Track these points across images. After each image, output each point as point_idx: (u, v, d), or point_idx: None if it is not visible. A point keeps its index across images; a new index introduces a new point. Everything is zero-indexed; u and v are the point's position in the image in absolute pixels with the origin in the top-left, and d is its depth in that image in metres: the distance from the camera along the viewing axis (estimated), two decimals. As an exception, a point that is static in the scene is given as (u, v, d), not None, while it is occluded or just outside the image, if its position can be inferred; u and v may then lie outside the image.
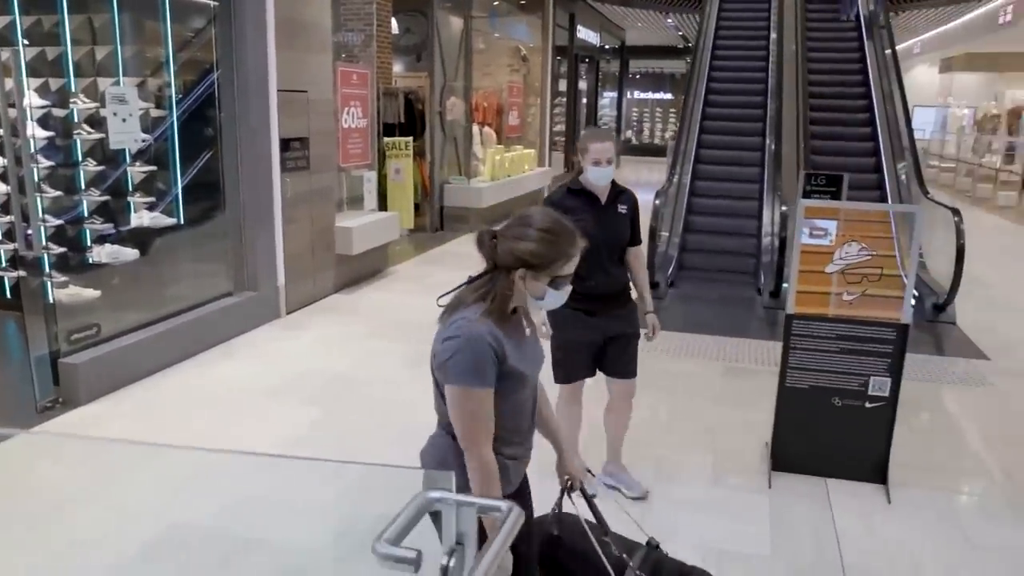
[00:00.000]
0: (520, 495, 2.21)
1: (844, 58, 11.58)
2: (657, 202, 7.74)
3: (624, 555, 2.31)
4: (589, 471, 2.34)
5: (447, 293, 2.08)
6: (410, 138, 10.24)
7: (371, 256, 7.88)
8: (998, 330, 6.82)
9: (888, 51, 11.20)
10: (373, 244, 7.74)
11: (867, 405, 3.82)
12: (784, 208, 7.25)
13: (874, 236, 3.89)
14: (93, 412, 4.59)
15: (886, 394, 3.80)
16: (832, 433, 3.87)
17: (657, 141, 27.18)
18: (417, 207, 10.59)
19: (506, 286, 1.97)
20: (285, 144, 6.42)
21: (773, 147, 9.44)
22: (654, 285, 7.56)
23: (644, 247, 3.74)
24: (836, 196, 5.18)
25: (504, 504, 1.73)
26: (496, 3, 13.39)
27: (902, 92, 10.42)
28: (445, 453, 2.05)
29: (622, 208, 3.48)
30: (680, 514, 3.63)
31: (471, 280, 2.04)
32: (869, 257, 3.74)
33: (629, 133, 28.13)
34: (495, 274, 1.98)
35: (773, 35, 11.73)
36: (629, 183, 3.76)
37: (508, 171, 12.24)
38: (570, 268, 2.00)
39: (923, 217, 3.92)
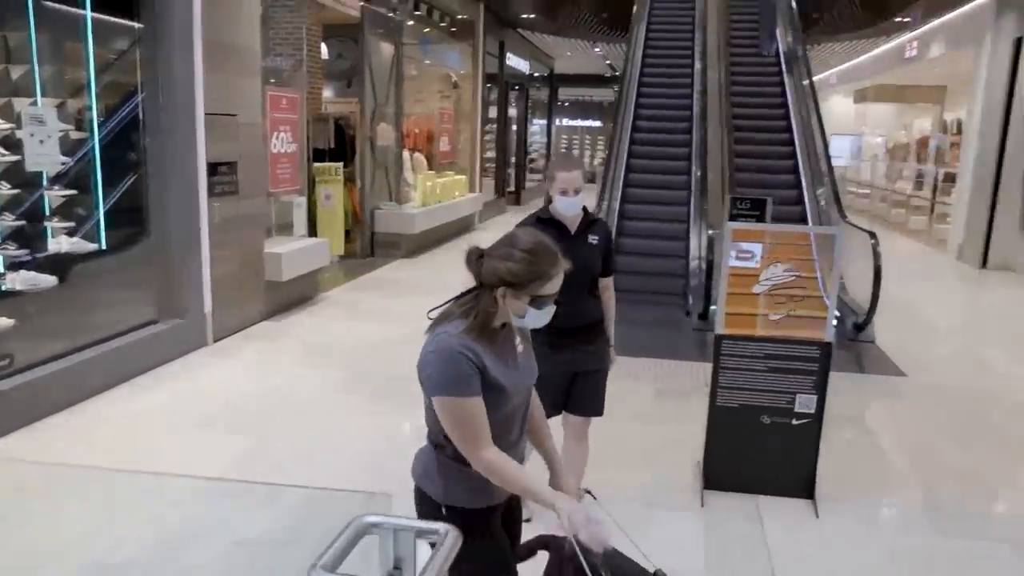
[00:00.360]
0: (509, 510, 2.24)
1: (765, 90, 12.00)
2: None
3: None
4: (589, 492, 2.31)
5: (437, 307, 2.14)
6: (340, 164, 10.16)
7: (301, 282, 7.76)
8: (913, 348, 7.12)
9: (806, 82, 11.67)
10: (303, 270, 7.63)
11: (794, 422, 3.92)
12: (711, 232, 7.44)
13: (798, 258, 4.02)
14: (5, 446, 4.38)
15: (812, 411, 3.91)
16: (762, 450, 3.96)
17: (587, 167, 27.64)
18: (348, 233, 10.49)
19: (489, 303, 2.02)
20: (213, 168, 6.29)
21: (699, 173, 9.71)
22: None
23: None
24: (760, 219, 5.35)
25: (441, 527, 1.73)
26: (427, 30, 13.47)
27: (820, 121, 10.87)
28: (427, 464, 2.15)
29: (593, 239, 3.36)
30: (615, 535, 3.65)
31: (459, 296, 2.09)
32: (794, 278, 3.86)
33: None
34: (480, 291, 2.04)
35: (697, 65, 12.08)
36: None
37: (439, 197, 12.25)
38: (550, 289, 2.03)
39: (843, 239, 4.07)
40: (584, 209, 3.35)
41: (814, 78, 12.58)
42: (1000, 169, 12.24)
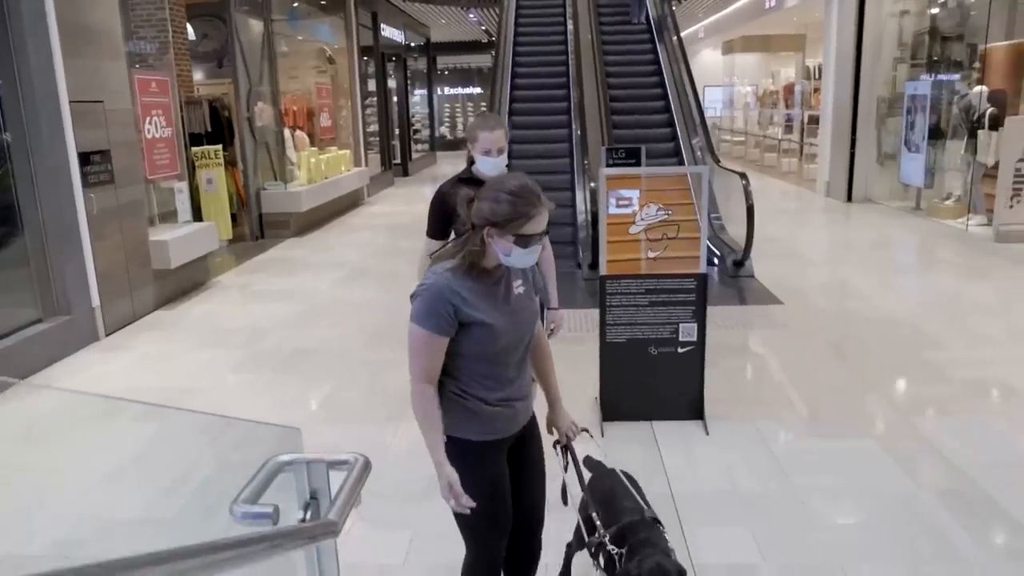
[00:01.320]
0: (518, 443, 2.37)
1: (637, 48, 12.37)
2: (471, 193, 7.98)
3: (596, 515, 2.40)
4: (585, 430, 2.48)
5: (439, 248, 2.29)
6: (219, 146, 9.91)
7: (191, 269, 7.61)
8: (789, 279, 7.63)
9: (675, 38, 12.09)
10: (191, 256, 7.48)
11: (679, 350, 4.22)
12: (593, 185, 7.71)
13: (676, 203, 4.28)
14: None
15: (694, 338, 4.22)
16: (652, 379, 4.25)
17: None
18: (234, 217, 10.28)
19: (478, 243, 2.12)
20: (85, 158, 6.08)
21: (579, 132, 9.98)
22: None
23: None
24: (638, 163, 5.61)
25: (350, 456, 1.87)
26: (295, 4, 13.18)
27: (690, 76, 11.31)
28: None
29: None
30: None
31: (456, 237, 2.24)
32: (667, 216, 4.12)
33: (443, 128, 28.47)
34: (472, 233, 2.13)
35: (570, 25, 12.33)
36: (447, 177, 3.87)
37: (325, 173, 12.12)
38: (533, 228, 2.09)
39: (708, 176, 4.36)
40: (508, 168, 3.32)
41: (682, 33, 13.05)
42: (856, 110, 13.05)
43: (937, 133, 11.54)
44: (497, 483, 2.30)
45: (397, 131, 19.67)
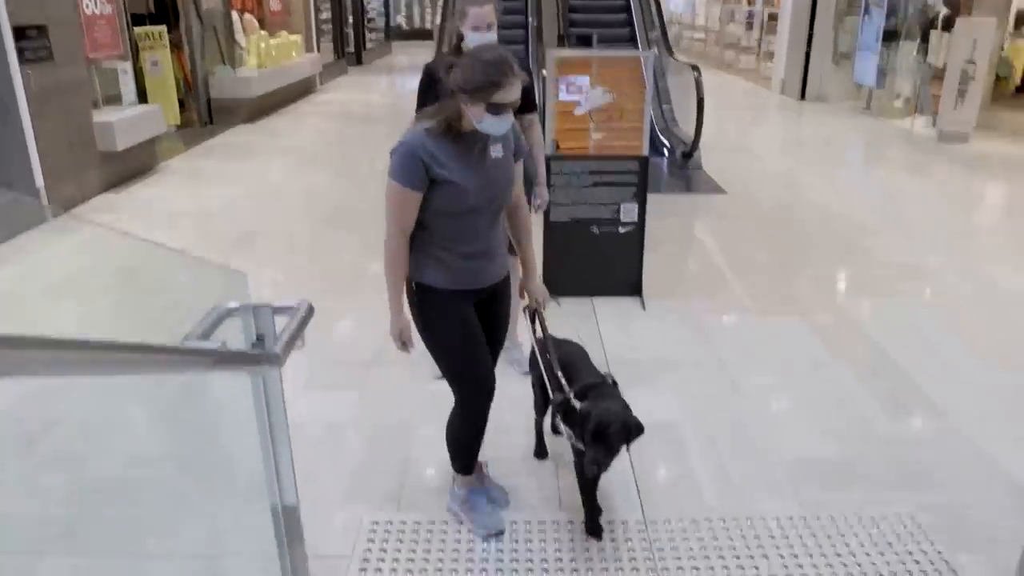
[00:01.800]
0: (488, 299, 2.52)
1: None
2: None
3: (561, 376, 2.57)
4: (555, 299, 2.62)
5: (428, 108, 2.35)
6: (164, 27, 9.56)
7: (138, 152, 7.48)
8: (734, 170, 7.80)
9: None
10: (138, 139, 7.34)
11: (620, 230, 4.38)
12: (545, 73, 7.67)
13: (625, 90, 4.35)
14: None
15: (635, 219, 4.37)
16: (593, 257, 4.42)
17: (428, 25, 26.92)
18: (182, 103, 10.02)
19: (453, 109, 2.21)
20: (20, 32, 5.87)
21: (535, 23, 9.82)
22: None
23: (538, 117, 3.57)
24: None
25: (295, 302, 1.99)
26: None
27: None
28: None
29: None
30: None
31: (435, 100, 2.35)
32: (611, 99, 4.20)
33: (399, 18, 27.59)
34: (449, 98, 2.22)
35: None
36: (401, 67, 3.87)
37: (276, 60, 11.80)
38: (503, 97, 2.16)
39: (652, 61, 4.41)
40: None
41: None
42: (814, 9, 13.00)
43: (892, 34, 11.60)
44: (466, 326, 2.45)
45: (351, 19, 19.06)
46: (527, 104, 2.98)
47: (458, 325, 2.44)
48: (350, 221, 6.29)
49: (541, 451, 3.07)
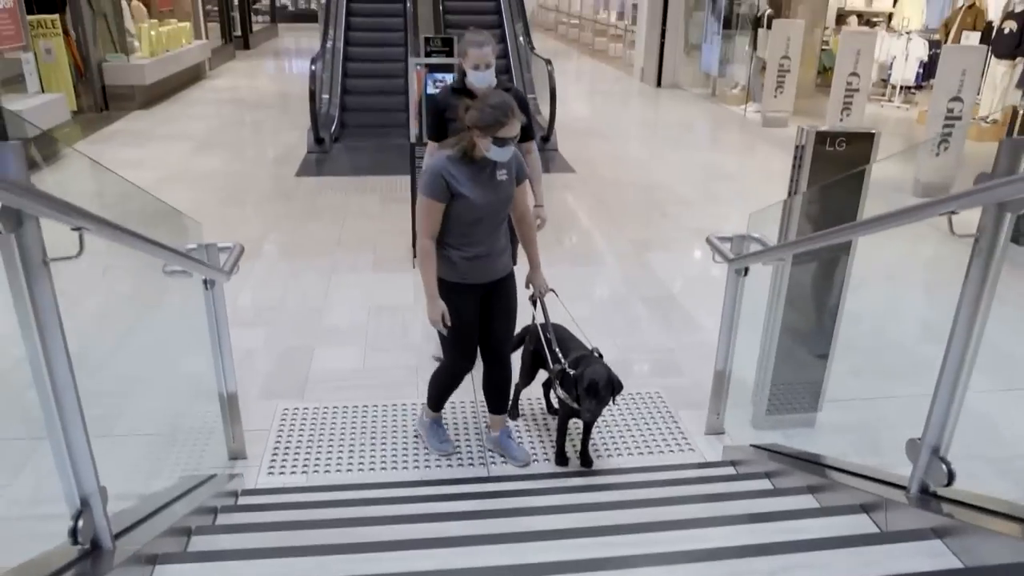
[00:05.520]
0: (492, 290, 3.12)
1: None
2: (314, 68, 8.85)
3: (559, 351, 3.24)
4: (552, 290, 3.33)
5: (450, 139, 2.98)
6: (56, 16, 10.05)
7: (40, 140, 8.11)
8: (586, 152, 9.11)
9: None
10: (45, 126, 7.99)
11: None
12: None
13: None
14: None
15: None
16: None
17: (313, 6, 27.24)
18: (75, 90, 10.52)
19: (469, 140, 2.84)
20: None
21: (411, 9, 10.80)
22: (319, 141, 8.83)
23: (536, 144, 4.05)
24: (450, 53, 6.73)
25: (232, 243, 3.07)
26: None
27: None
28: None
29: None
30: (353, 289, 5.18)
31: (457, 133, 2.95)
32: (463, 98, 5.34)
33: (286, 0, 27.83)
34: (465, 132, 2.85)
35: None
36: (288, 51, 4.87)
37: (166, 46, 12.36)
38: (505, 133, 2.75)
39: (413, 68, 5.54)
40: (497, 78, 3.70)
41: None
42: (666, 2, 14.45)
43: (729, 28, 13.20)
44: (464, 314, 3.06)
45: (236, 2, 19.41)
46: (526, 135, 3.39)
47: (458, 312, 3.02)
48: (246, 200, 7.23)
49: (515, 413, 3.73)
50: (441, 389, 3.40)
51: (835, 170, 3.28)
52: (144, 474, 3.15)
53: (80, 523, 1.68)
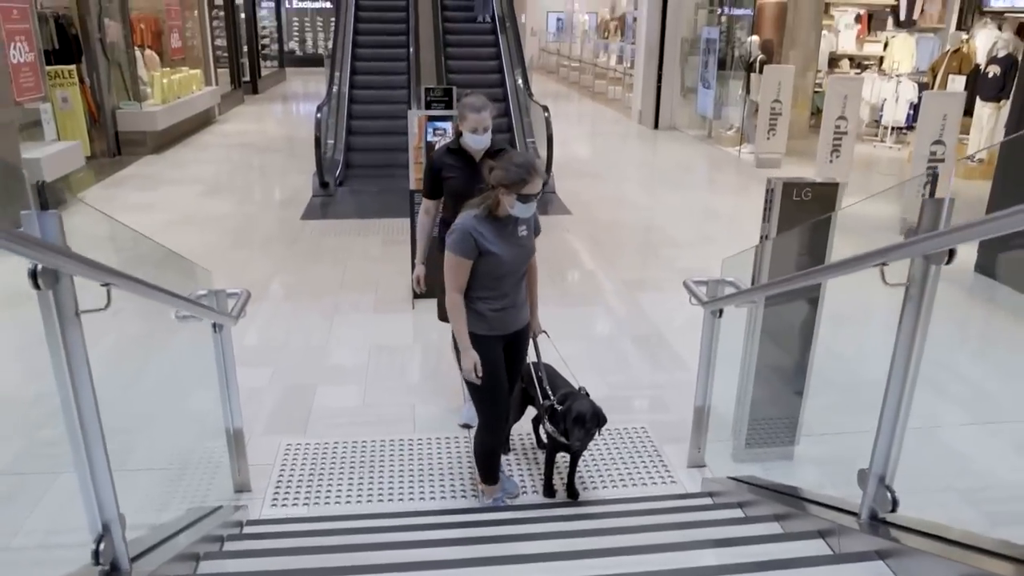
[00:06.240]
0: (512, 340, 3.25)
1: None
2: (319, 115, 9.18)
3: (549, 388, 3.42)
4: (545, 332, 3.50)
5: (474, 199, 3.06)
6: (73, 66, 10.44)
7: (58, 184, 8.43)
8: (583, 194, 9.37)
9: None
10: (61, 172, 8.32)
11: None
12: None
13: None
14: None
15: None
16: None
17: (320, 51, 27.86)
18: (89, 135, 10.87)
19: (493, 199, 2.97)
20: (-40, 83, 6.84)
21: (414, 55, 11.18)
22: (324, 185, 9.12)
23: None
24: (449, 105, 7.04)
25: (240, 290, 3.29)
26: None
27: (515, 25, 12.68)
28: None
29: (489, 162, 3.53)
30: (355, 328, 5.40)
31: (480, 191, 3.07)
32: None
33: (292, 44, 28.48)
34: (490, 191, 2.97)
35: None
36: (296, 95, 5.13)
37: (177, 93, 12.76)
38: (529, 190, 2.89)
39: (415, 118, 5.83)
40: (492, 139, 3.78)
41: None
42: (663, 48, 14.87)
43: (724, 73, 13.57)
44: (495, 364, 3.15)
45: (246, 48, 19.93)
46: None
47: (490, 363, 3.11)
48: (255, 241, 7.49)
49: (506, 448, 3.89)
50: (487, 454, 3.40)
51: (803, 217, 3.50)
52: (155, 505, 3.33)
53: (102, 546, 1.88)
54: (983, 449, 4.06)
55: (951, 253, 1.98)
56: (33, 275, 1.63)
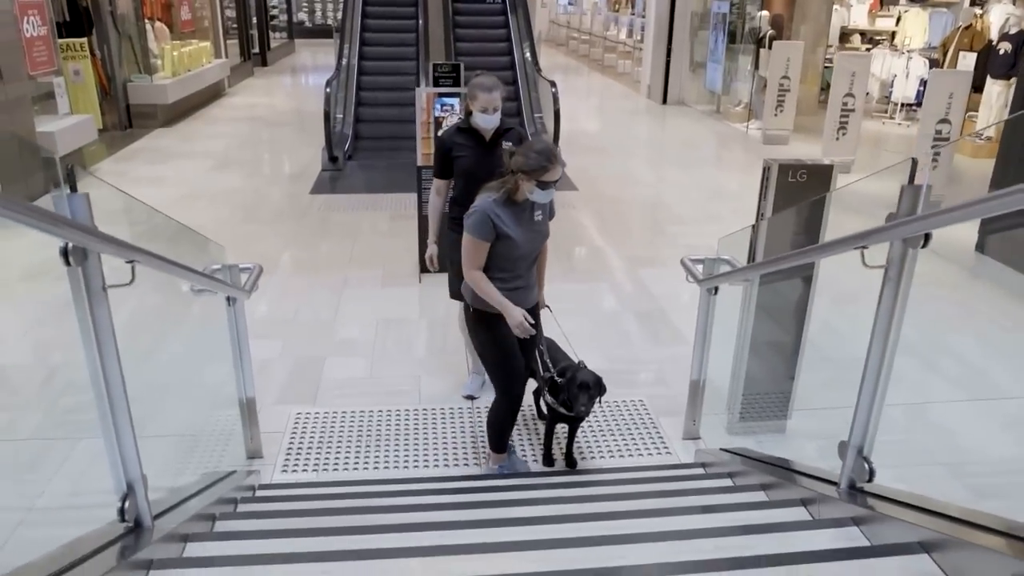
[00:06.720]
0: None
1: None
2: (328, 89, 9.26)
3: (550, 361, 3.53)
4: (548, 307, 3.63)
5: (494, 182, 3.13)
6: (84, 39, 10.52)
7: (71, 157, 8.56)
8: (589, 169, 9.44)
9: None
10: (74, 146, 8.44)
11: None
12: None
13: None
14: None
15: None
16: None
17: (330, 22, 27.76)
18: (100, 108, 10.98)
19: (514, 184, 3.05)
20: (-25, 57, 6.95)
21: (423, 27, 11.20)
22: (333, 159, 9.22)
23: None
24: (457, 80, 7.11)
25: (252, 264, 3.42)
26: None
27: (524, 4, 12.67)
28: (466, 285, 3.25)
29: (506, 144, 3.59)
30: (363, 302, 5.54)
31: (499, 176, 3.13)
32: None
33: (302, 15, 28.40)
34: (509, 176, 3.05)
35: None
36: (305, 67, 5.21)
37: (188, 66, 12.83)
38: (549, 177, 2.97)
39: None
40: (502, 120, 3.86)
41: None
42: (672, 22, 14.81)
43: (733, 45, 13.54)
44: (508, 339, 3.24)
45: (255, 19, 19.92)
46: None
47: (501, 339, 3.24)
48: (264, 216, 7.62)
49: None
50: (501, 426, 3.50)
51: (800, 197, 3.60)
52: (173, 470, 3.49)
53: (126, 504, 2.03)
54: (972, 425, 4.18)
55: (927, 237, 2.09)
56: (64, 253, 1.75)
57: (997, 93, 10.62)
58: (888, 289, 2.22)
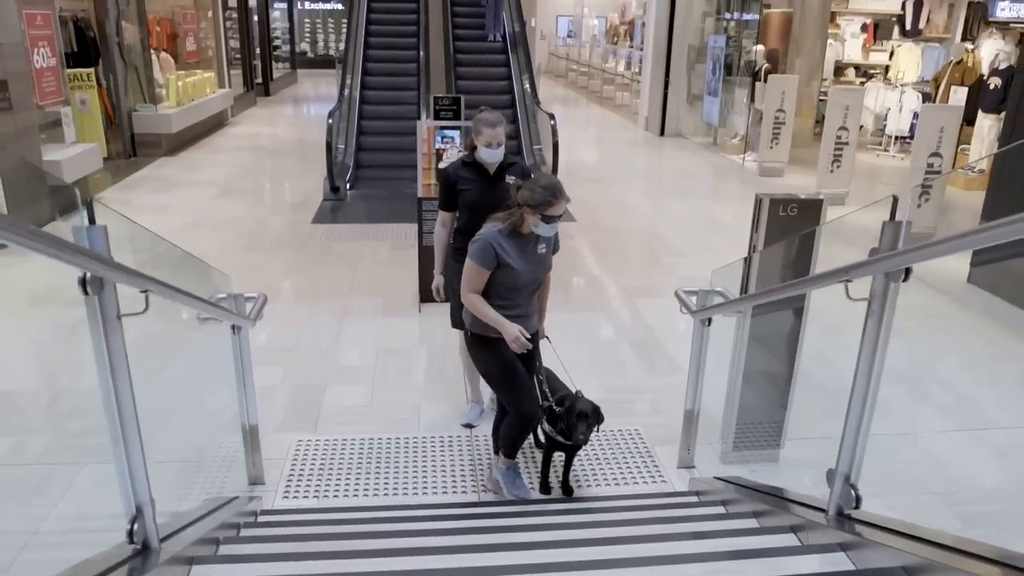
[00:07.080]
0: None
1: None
2: (330, 121, 9.41)
3: (548, 390, 3.59)
4: (547, 336, 3.77)
5: (500, 213, 3.23)
6: (91, 69, 10.70)
7: (76, 186, 8.67)
8: (588, 200, 9.56)
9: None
10: (80, 174, 8.56)
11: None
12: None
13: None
14: None
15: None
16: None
17: (331, 52, 28.13)
18: (105, 137, 11.14)
19: (519, 216, 3.14)
20: (-14, 89, 7.10)
21: (424, 59, 11.40)
22: (335, 189, 9.35)
23: None
24: (457, 113, 7.25)
25: (257, 293, 3.51)
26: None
27: (525, 41, 12.90)
28: (466, 310, 3.37)
29: (509, 179, 3.80)
30: (364, 331, 5.61)
31: (506, 208, 3.22)
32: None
33: (304, 45, 28.77)
34: (515, 208, 3.14)
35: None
36: (307, 97, 5.34)
37: (192, 95, 13.01)
38: (553, 211, 3.07)
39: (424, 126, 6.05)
40: (505, 155, 3.96)
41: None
42: (669, 55, 15.03)
43: (730, 76, 13.75)
44: (512, 362, 3.35)
45: (258, 50, 20.18)
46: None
47: (504, 363, 3.34)
48: (265, 246, 7.72)
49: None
50: (512, 439, 3.59)
51: (791, 230, 3.70)
52: (177, 495, 3.55)
53: (135, 526, 2.09)
54: (963, 454, 4.25)
55: (907, 271, 2.18)
56: (83, 282, 1.84)
57: (988, 127, 10.80)
58: (872, 321, 2.30)
